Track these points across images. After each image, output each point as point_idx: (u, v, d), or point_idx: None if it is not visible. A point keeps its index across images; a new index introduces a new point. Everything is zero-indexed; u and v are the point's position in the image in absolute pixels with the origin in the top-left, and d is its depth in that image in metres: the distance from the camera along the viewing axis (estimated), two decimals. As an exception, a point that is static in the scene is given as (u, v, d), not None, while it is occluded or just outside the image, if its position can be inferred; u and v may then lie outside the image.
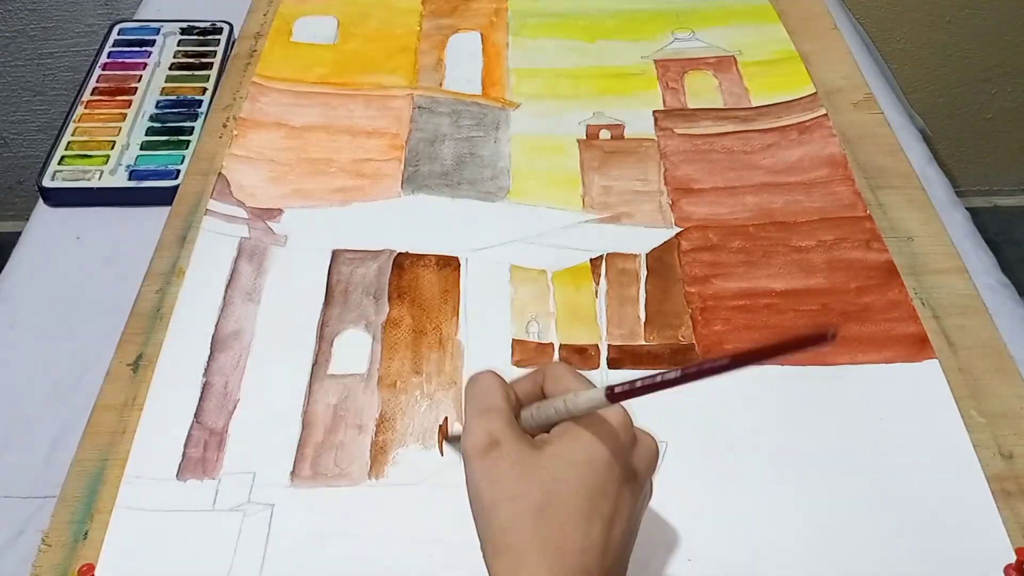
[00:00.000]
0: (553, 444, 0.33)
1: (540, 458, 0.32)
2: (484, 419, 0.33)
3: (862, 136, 0.65)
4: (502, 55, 0.74)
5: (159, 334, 0.52)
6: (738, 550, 0.42)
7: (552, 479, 0.32)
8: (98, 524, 0.43)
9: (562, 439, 0.33)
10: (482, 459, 0.33)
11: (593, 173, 0.63)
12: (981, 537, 0.43)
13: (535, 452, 0.33)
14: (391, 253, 0.57)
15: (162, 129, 0.67)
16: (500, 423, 0.33)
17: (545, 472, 0.32)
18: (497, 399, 0.34)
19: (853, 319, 0.52)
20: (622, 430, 0.33)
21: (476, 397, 0.35)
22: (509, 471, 0.32)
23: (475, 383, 0.36)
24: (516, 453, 0.32)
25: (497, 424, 0.33)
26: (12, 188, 1.42)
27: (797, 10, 0.78)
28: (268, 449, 0.47)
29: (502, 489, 0.32)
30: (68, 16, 1.20)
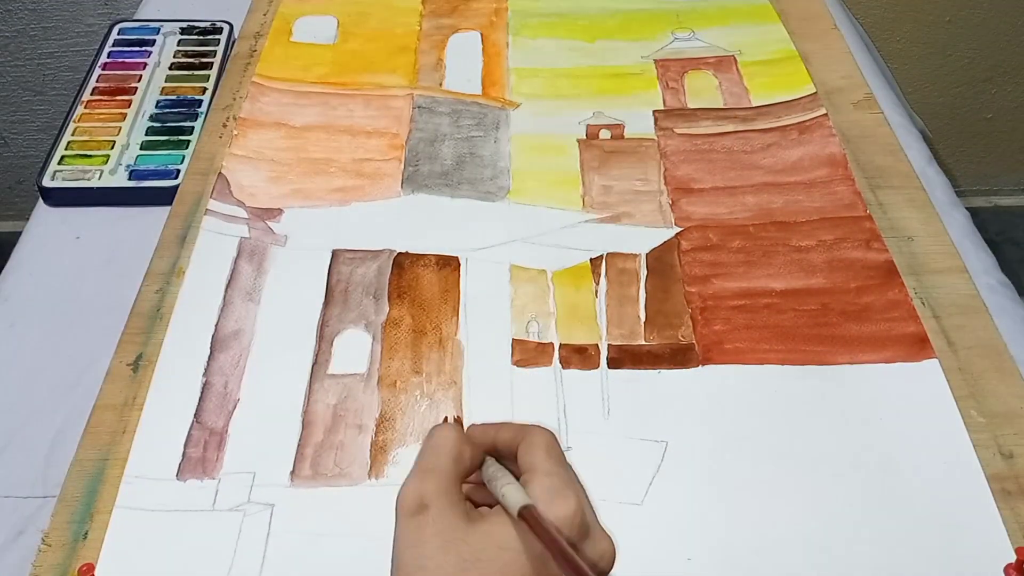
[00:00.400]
0: (488, 521, 0.32)
1: (467, 533, 0.31)
2: (420, 479, 0.33)
3: (862, 136, 0.65)
4: (502, 55, 0.74)
5: (159, 334, 0.52)
6: (738, 550, 0.42)
7: (473, 559, 0.31)
8: (98, 524, 0.43)
9: (499, 517, 0.32)
10: (408, 520, 0.32)
11: (593, 173, 0.63)
12: (981, 537, 0.43)
13: (464, 525, 0.32)
14: (391, 253, 0.57)
15: (162, 129, 0.67)
16: (434, 487, 0.32)
17: (467, 549, 0.31)
18: (442, 460, 0.33)
19: (853, 319, 0.52)
20: (567, 523, 0.31)
21: (424, 453, 0.34)
22: (431, 539, 0.31)
23: (431, 437, 0.35)
24: (442, 522, 0.32)
25: (431, 487, 0.32)
26: (12, 188, 1.42)
27: (797, 10, 0.78)
28: (268, 449, 0.47)
29: (418, 556, 0.31)
30: (68, 16, 1.20)
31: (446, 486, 0.33)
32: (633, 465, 0.46)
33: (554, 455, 0.34)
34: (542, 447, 0.34)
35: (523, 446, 0.34)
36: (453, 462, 0.33)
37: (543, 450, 0.34)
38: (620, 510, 0.44)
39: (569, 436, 0.47)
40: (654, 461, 0.46)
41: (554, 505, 0.31)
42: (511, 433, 0.35)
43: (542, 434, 0.35)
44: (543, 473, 0.33)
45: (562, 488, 0.32)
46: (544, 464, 0.33)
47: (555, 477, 0.33)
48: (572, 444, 0.47)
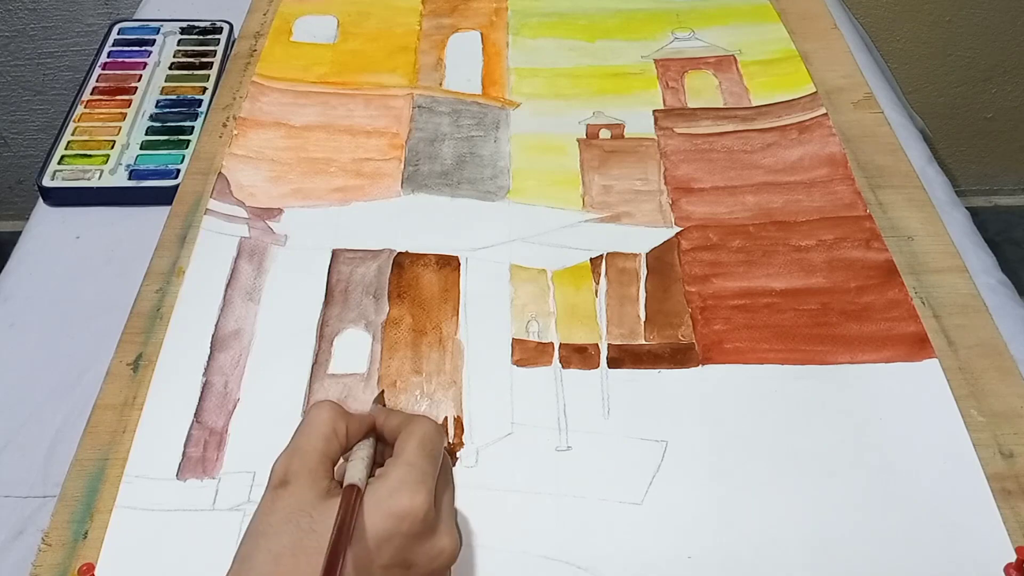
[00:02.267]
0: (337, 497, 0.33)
1: (315, 507, 0.33)
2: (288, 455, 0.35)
3: (862, 135, 0.65)
4: (502, 54, 0.74)
5: (159, 334, 0.52)
6: (738, 549, 0.42)
7: (310, 529, 0.32)
8: (98, 524, 0.43)
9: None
10: (270, 492, 0.34)
11: (593, 172, 0.63)
12: (981, 536, 0.43)
13: (316, 500, 0.33)
14: (391, 252, 0.57)
15: (162, 129, 0.67)
16: (299, 464, 0.34)
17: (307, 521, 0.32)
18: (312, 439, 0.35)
19: (853, 319, 0.52)
20: (410, 517, 0.33)
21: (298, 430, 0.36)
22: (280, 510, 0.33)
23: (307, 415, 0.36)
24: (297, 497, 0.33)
25: (296, 464, 0.34)
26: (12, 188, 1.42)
27: (797, 9, 0.78)
28: (268, 449, 0.46)
29: (264, 523, 0.33)
30: (68, 16, 1.20)
31: (311, 464, 0.34)
32: (633, 465, 0.46)
33: (426, 449, 0.35)
34: (416, 437, 0.35)
35: (403, 434, 0.35)
36: (323, 441, 0.35)
37: (416, 441, 0.35)
38: (620, 510, 0.44)
39: (569, 436, 0.47)
40: (654, 461, 0.46)
41: (398, 495, 0.33)
42: (398, 420, 0.36)
43: (423, 425, 0.36)
44: (404, 463, 0.34)
45: (414, 482, 0.33)
46: (410, 455, 0.34)
47: (414, 469, 0.34)
48: (572, 444, 0.47)
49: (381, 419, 0.37)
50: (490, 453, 0.46)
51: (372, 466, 0.36)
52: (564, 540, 0.43)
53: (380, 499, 0.33)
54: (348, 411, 0.37)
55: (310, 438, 0.35)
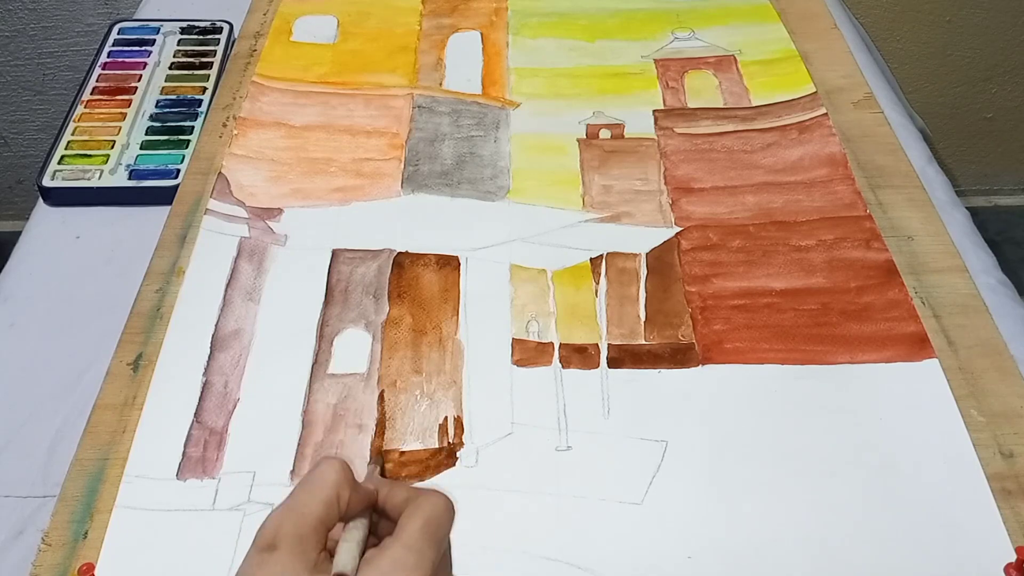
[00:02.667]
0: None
1: None
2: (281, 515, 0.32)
3: (862, 135, 0.65)
4: (502, 54, 0.74)
5: (159, 334, 0.52)
6: (738, 549, 0.42)
7: None
8: (98, 524, 0.43)
9: None
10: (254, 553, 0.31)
11: (593, 172, 0.63)
12: (981, 536, 0.43)
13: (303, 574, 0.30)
14: (391, 252, 0.57)
15: (162, 129, 0.67)
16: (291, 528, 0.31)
17: None
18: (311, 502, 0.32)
19: (853, 319, 0.52)
20: None
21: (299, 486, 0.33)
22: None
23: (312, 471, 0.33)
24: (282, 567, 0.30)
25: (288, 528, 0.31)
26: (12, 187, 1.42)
27: (797, 9, 0.78)
28: (268, 448, 0.47)
29: None
30: (68, 16, 1.20)
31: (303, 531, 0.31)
32: (633, 465, 0.46)
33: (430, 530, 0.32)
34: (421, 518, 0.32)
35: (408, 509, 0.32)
36: (323, 506, 0.32)
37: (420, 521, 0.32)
38: (620, 510, 0.44)
39: (569, 436, 0.47)
40: (654, 461, 0.46)
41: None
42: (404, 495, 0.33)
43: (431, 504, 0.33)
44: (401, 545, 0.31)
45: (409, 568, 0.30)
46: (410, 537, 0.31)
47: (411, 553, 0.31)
48: (572, 444, 0.47)
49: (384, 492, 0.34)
50: (490, 453, 0.46)
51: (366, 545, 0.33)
52: (564, 540, 0.43)
53: None
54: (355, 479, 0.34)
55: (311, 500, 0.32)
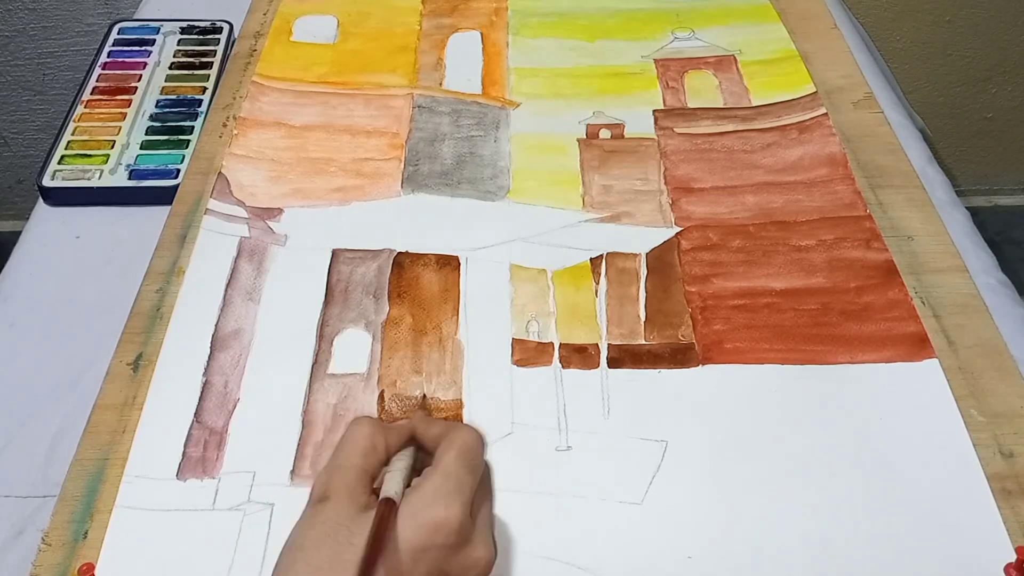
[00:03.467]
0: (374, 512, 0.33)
1: (354, 520, 0.33)
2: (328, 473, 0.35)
3: (862, 135, 0.65)
4: (502, 54, 0.74)
5: (159, 333, 0.52)
6: (738, 549, 0.42)
7: (347, 541, 0.32)
8: (98, 524, 0.43)
9: None
10: (310, 507, 0.35)
11: (593, 172, 0.63)
12: (981, 536, 0.43)
13: (355, 514, 0.33)
14: (391, 252, 0.57)
15: (162, 128, 0.67)
16: (338, 481, 0.35)
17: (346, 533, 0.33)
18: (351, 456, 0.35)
19: (853, 319, 0.52)
20: (444, 529, 0.33)
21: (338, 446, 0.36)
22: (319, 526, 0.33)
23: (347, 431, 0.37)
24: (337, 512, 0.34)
25: (335, 481, 0.35)
26: (12, 187, 1.42)
27: (797, 9, 0.78)
28: (268, 448, 0.47)
29: (302, 537, 0.34)
30: (68, 15, 1.20)
31: (349, 480, 0.35)
32: (633, 465, 0.46)
33: (466, 458, 0.35)
34: (456, 447, 0.35)
35: (443, 443, 0.35)
36: (361, 456, 0.35)
37: (455, 451, 0.35)
38: (620, 510, 0.44)
39: (569, 436, 0.47)
40: (654, 461, 0.46)
41: (433, 506, 0.33)
42: (438, 429, 0.36)
43: (463, 435, 0.36)
44: (440, 473, 0.34)
45: (448, 492, 0.33)
46: (448, 465, 0.34)
47: (450, 480, 0.34)
48: (572, 444, 0.47)
49: (422, 428, 0.37)
50: (490, 453, 0.46)
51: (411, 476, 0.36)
52: (564, 540, 0.43)
53: (415, 510, 0.33)
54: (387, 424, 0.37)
55: (349, 454, 0.35)
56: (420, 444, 0.37)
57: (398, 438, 0.37)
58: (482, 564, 0.34)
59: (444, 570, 0.33)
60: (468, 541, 0.34)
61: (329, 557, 0.32)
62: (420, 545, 0.33)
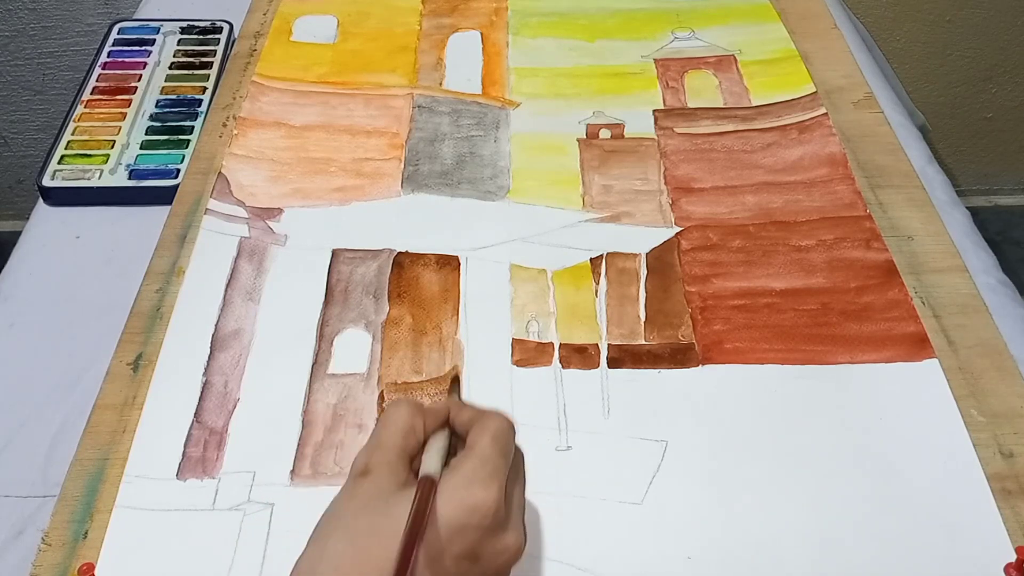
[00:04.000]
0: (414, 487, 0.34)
1: (393, 495, 0.34)
2: (369, 449, 0.36)
3: (862, 135, 0.65)
4: (502, 54, 0.74)
5: (159, 333, 0.52)
6: (738, 549, 0.42)
7: (386, 515, 0.33)
8: (98, 523, 0.43)
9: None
10: (351, 480, 0.35)
11: (593, 172, 0.63)
12: (981, 536, 0.43)
13: (395, 490, 0.34)
14: (391, 252, 0.57)
15: (162, 128, 0.67)
16: (380, 457, 0.35)
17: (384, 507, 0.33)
18: (391, 434, 0.36)
19: (853, 319, 0.52)
20: (481, 510, 0.33)
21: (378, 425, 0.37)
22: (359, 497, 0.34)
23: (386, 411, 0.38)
24: (377, 486, 0.34)
25: (377, 457, 0.35)
26: (12, 187, 1.42)
27: (797, 9, 0.78)
28: (268, 448, 0.47)
29: (341, 508, 0.34)
30: (68, 15, 1.20)
31: (390, 457, 0.35)
32: (633, 465, 0.46)
33: (500, 443, 0.35)
34: (490, 432, 0.35)
35: (475, 428, 0.36)
36: (402, 436, 0.36)
37: (490, 435, 0.35)
38: (620, 510, 0.44)
39: (569, 436, 0.47)
40: (654, 461, 0.46)
41: (470, 489, 0.33)
42: (470, 414, 0.37)
43: (496, 420, 0.36)
44: (477, 456, 0.34)
45: (485, 476, 0.34)
46: (483, 449, 0.35)
47: (487, 464, 0.34)
48: (572, 444, 0.47)
49: (455, 412, 0.38)
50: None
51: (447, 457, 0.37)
52: (564, 540, 0.43)
53: (453, 490, 0.34)
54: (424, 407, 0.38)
55: (390, 433, 0.36)
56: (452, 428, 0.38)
57: (434, 420, 0.37)
58: (512, 550, 0.35)
59: (477, 552, 0.34)
60: (503, 526, 0.34)
61: (368, 526, 0.33)
62: (457, 525, 0.33)
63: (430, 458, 0.35)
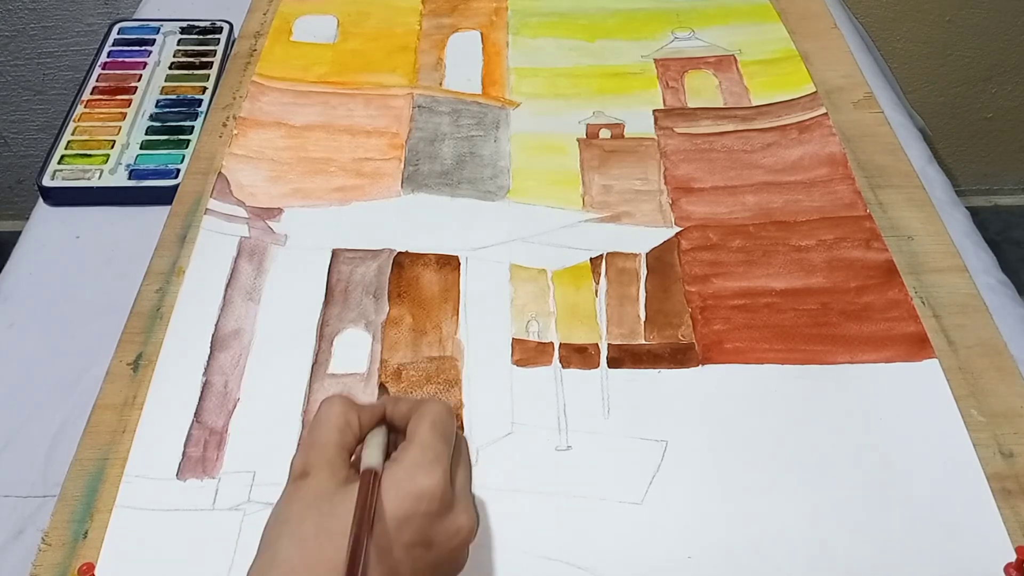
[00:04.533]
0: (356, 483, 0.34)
1: (335, 494, 0.34)
2: (305, 450, 0.36)
3: (862, 135, 0.65)
4: (502, 54, 0.74)
5: (159, 333, 0.52)
6: (738, 549, 0.42)
7: (331, 513, 0.33)
8: (98, 523, 0.43)
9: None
10: (291, 484, 0.36)
11: (593, 172, 0.63)
12: (981, 536, 0.43)
13: (336, 488, 0.34)
14: (391, 252, 0.57)
15: (162, 128, 0.67)
16: (316, 457, 0.35)
17: (328, 506, 0.34)
18: (327, 432, 0.36)
19: (853, 319, 0.52)
20: (427, 497, 0.34)
21: (312, 426, 0.37)
22: (302, 499, 0.34)
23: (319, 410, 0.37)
24: (318, 487, 0.35)
25: (313, 457, 0.35)
26: (12, 187, 1.42)
27: (797, 9, 0.78)
28: (268, 448, 0.47)
29: (286, 511, 0.34)
30: (68, 15, 1.20)
31: (329, 455, 0.35)
32: (633, 465, 0.46)
33: (438, 429, 0.36)
34: (428, 420, 0.36)
35: (414, 417, 0.36)
36: (338, 432, 0.36)
37: (428, 423, 0.36)
38: (620, 510, 0.44)
39: (569, 436, 0.47)
40: (654, 461, 0.46)
41: (415, 476, 0.34)
42: (407, 406, 0.37)
43: (433, 408, 0.37)
44: (417, 444, 0.35)
45: (428, 462, 0.34)
46: (423, 437, 0.35)
47: (428, 451, 0.35)
48: (572, 444, 0.47)
49: (391, 407, 0.38)
50: (490, 453, 0.46)
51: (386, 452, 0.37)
52: (564, 540, 0.43)
53: (397, 481, 0.34)
54: (358, 403, 0.38)
55: (325, 431, 0.36)
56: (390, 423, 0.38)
57: (370, 417, 0.38)
58: (464, 531, 0.35)
59: (429, 538, 0.34)
60: (450, 508, 0.35)
61: (314, 528, 0.33)
62: (404, 514, 0.33)
63: (370, 452, 0.36)
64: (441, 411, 0.37)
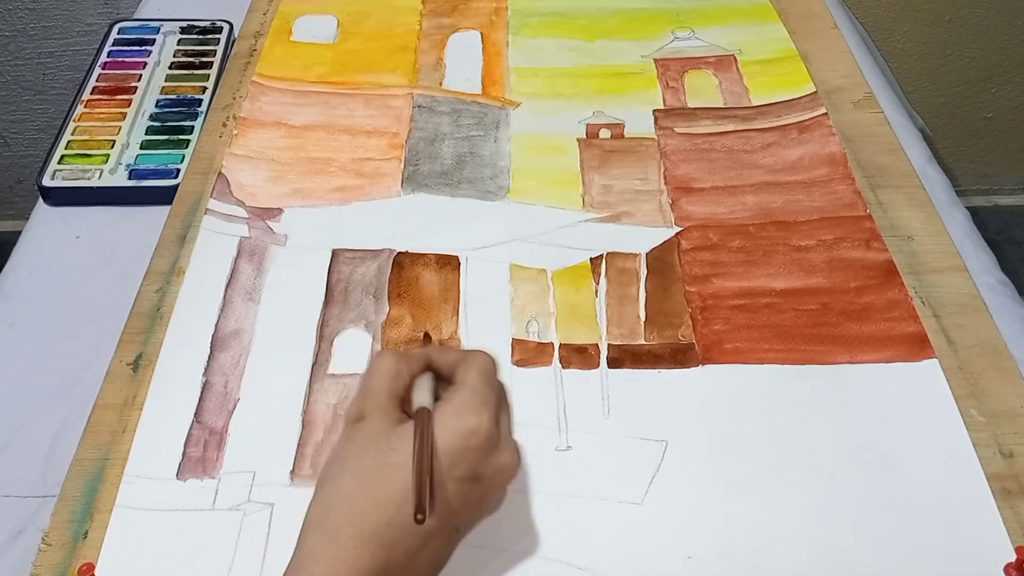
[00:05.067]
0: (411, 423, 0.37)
1: (391, 432, 0.37)
2: (360, 397, 0.39)
3: (862, 135, 0.65)
4: (502, 54, 0.74)
5: (159, 333, 0.52)
6: (738, 549, 0.42)
7: (389, 449, 0.36)
8: (98, 523, 0.43)
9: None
10: (347, 428, 0.38)
11: (593, 172, 0.63)
12: (981, 536, 0.43)
13: (391, 428, 0.37)
14: (391, 252, 0.57)
15: (162, 128, 0.67)
16: (371, 402, 0.38)
17: (386, 443, 0.36)
18: (379, 380, 0.39)
19: (853, 319, 0.52)
20: (477, 434, 0.36)
21: (365, 375, 0.40)
22: (359, 439, 0.37)
23: (371, 361, 0.40)
24: (374, 427, 0.37)
25: (368, 403, 0.38)
26: (12, 187, 1.42)
27: (797, 9, 0.78)
28: (268, 448, 0.47)
29: (344, 450, 0.37)
30: (68, 15, 1.20)
31: (381, 401, 0.38)
32: (633, 465, 0.46)
33: (485, 376, 0.39)
34: (476, 367, 0.39)
35: (462, 365, 0.39)
36: (389, 381, 0.39)
37: (476, 369, 0.39)
38: (620, 510, 0.44)
39: (569, 436, 0.47)
40: (654, 461, 0.46)
41: (465, 415, 0.37)
42: (454, 355, 0.40)
43: (480, 356, 0.40)
44: (466, 387, 0.38)
45: (476, 404, 0.37)
46: (471, 381, 0.38)
47: (476, 393, 0.37)
48: (572, 444, 0.47)
49: (437, 356, 0.41)
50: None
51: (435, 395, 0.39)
52: (564, 540, 0.43)
53: (448, 419, 0.36)
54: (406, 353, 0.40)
55: (377, 379, 0.39)
56: (436, 371, 0.40)
57: (417, 365, 0.40)
58: (509, 469, 0.38)
59: (478, 473, 0.37)
60: (496, 447, 0.37)
61: (374, 462, 0.36)
62: (456, 449, 0.36)
63: (421, 394, 0.38)
64: (488, 360, 0.39)
